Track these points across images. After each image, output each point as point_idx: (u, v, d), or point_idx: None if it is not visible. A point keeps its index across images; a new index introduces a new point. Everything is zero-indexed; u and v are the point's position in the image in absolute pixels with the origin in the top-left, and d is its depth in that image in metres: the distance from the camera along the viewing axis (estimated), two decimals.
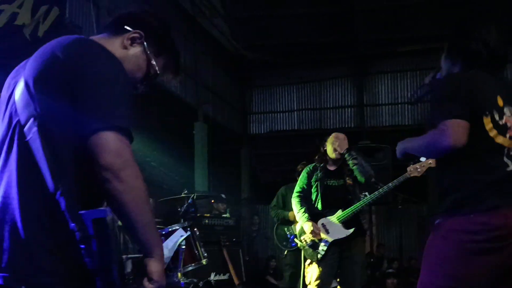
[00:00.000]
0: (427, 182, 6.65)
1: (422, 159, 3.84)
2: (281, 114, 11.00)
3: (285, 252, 5.53)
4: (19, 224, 1.27)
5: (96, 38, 1.52)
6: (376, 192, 4.00)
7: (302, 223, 4.15)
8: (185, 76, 8.72)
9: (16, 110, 1.34)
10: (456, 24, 2.24)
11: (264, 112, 11.11)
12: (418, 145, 2.08)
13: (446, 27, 10.14)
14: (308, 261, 4.17)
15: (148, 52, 1.51)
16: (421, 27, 9.58)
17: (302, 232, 4.19)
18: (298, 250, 5.03)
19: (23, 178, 1.30)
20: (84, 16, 5.85)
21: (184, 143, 8.60)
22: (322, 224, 4.11)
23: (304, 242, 4.16)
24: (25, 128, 1.30)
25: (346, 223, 4.08)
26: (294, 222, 5.22)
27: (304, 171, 4.40)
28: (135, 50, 1.50)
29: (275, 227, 5.68)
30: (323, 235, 4.06)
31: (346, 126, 10.49)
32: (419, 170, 3.89)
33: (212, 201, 7.13)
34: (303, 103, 10.88)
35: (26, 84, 1.33)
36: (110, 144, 1.25)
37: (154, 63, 1.53)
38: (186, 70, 8.74)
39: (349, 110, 10.70)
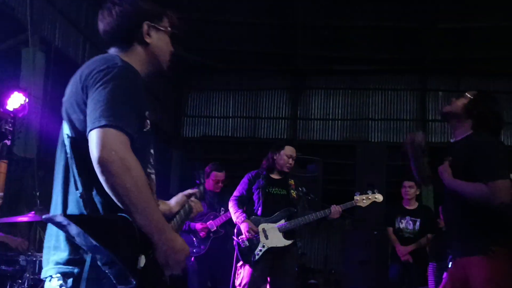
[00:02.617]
0: (353, 197, 6.93)
1: (369, 191, 4.12)
2: (216, 119, 10.97)
3: (192, 259, 5.23)
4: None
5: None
6: (322, 212, 4.16)
7: (240, 224, 4.13)
8: None
9: (63, 128, 1.55)
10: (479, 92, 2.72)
11: (199, 116, 11.02)
12: (470, 192, 2.44)
13: (382, 52, 10.79)
14: (241, 262, 4.15)
15: (161, 28, 1.70)
16: (358, 49, 10.03)
17: (239, 232, 4.17)
18: (206, 254, 4.94)
19: (65, 187, 1.51)
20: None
21: None
22: (263, 229, 4.13)
23: (242, 243, 4.13)
24: (66, 147, 1.50)
25: (286, 233, 4.14)
26: (201, 232, 5.12)
27: (246, 177, 4.39)
28: (155, 36, 1.68)
29: (179, 232, 5.40)
30: (262, 239, 4.07)
31: (279, 137, 10.68)
32: (364, 201, 4.15)
33: None
34: (239, 110, 10.94)
35: (63, 106, 1.54)
36: (95, 140, 1.36)
37: (169, 28, 1.73)
38: None
39: (283, 121, 10.92)
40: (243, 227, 4.08)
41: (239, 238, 4.15)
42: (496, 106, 2.67)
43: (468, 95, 2.65)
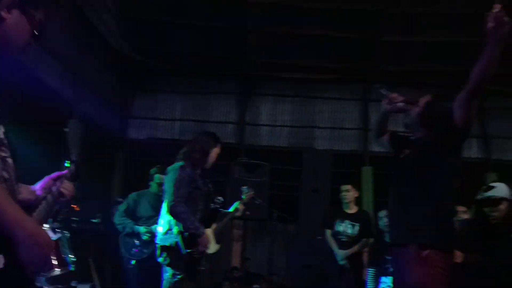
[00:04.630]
0: (298, 203, 7.06)
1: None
2: (163, 121, 10.79)
3: (133, 262, 5.09)
4: None
5: None
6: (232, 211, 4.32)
7: (200, 235, 3.64)
8: (63, 69, 8.13)
9: None
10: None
11: (145, 117, 10.80)
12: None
13: (327, 61, 11.05)
14: (178, 277, 3.61)
15: (28, 11, 1.46)
16: (306, 57, 10.23)
17: (193, 243, 3.65)
18: (148, 259, 4.83)
19: None
20: None
21: (55, 140, 7.90)
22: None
23: (197, 255, 3.70)
24: None
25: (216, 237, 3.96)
26: (139, 234, 5.01)
27: (183, 174, 3.73)
28: (14, 16, 1.43)
29: (122, 235, 5.21)
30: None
31: (226, 141, 10.64)
32: (248, 197, 4.57)
33: (75, 206, 6.62)
34: (186, 113, 10.82)
35: None
36: None
37: (37, 19, 1.49)
38: (65, 63, 8.16)
39: (230, 126, 10.92)
40: (205, 240, 3.63)
41: (194, 249, 3.63)
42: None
43: (421, 103, 2.91)
